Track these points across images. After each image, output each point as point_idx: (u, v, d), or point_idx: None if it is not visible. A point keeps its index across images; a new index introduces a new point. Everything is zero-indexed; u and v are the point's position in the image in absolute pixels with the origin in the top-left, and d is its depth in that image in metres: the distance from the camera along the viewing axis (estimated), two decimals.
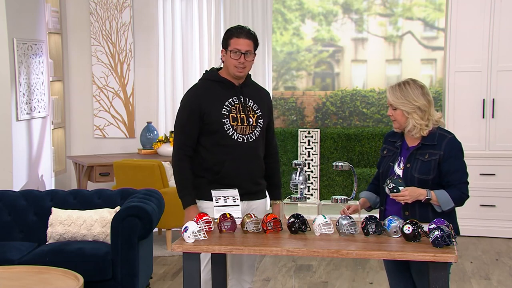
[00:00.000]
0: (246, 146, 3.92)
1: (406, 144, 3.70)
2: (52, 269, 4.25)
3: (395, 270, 3.79)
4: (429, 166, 3.58)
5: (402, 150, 3.69)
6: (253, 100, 3.98)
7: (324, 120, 11.14)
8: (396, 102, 3.59)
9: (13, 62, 6.40)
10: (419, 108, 3.58)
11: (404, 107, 3.58)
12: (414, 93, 3.58)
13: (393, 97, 3.61)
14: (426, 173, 3.58)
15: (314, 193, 8.60)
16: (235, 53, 3.86)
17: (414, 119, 3.58)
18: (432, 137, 3.62)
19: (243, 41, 3.87)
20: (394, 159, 3.70)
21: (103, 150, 7.77)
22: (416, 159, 3.61)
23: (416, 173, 3.59)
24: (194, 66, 7.67)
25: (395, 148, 3.72)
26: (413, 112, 3.58)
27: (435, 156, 3.58)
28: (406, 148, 3.69)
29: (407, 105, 3.58)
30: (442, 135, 3.62)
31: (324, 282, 5.69)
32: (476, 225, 7.12)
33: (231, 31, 3.92)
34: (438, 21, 11.47)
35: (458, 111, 7.10)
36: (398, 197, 3.51)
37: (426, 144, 3.61)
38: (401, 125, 3.64)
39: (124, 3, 7.63)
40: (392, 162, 3.69)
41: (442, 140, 3.61)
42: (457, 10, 7.02)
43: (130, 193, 5.28)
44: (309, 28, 11.75)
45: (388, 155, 3.74)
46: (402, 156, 3.68)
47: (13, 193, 5.35)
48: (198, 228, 3.39)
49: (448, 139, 3.61)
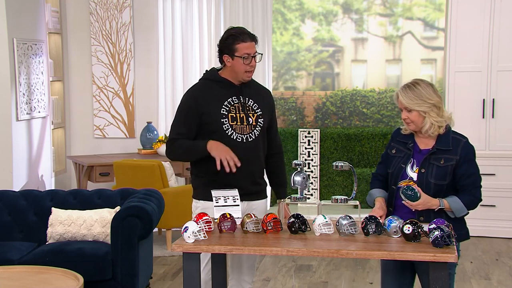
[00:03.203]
0: (245, 146, 3.91)
1: (418, 146, 3.63)
2: (52, 269, 4.25)
3: (394, 268, 3.76)
4: (445, 171, 3.54)
5: (414, 152, 3.63)
6: (253, 99, 3.98)
7: (324, 120, 11.14)
8: (411, 104, 3.52)
9: (13, 62, 6.40)
10: (434, 106, 3.53)
11: (420, 107, 3.52)
12: (427, 92, 3.54)
13: (407, 99, 3.54)
14: (442, 178, 3.54)
15: (314, 193, 8.60)
16: (246, 58, 3.83)
17: (432, 118, 3.52)
18: (446, 141, 3.57)
19: (249, 44, 3.84)
20: (406, 160, 3.63)
21: (103, 150, 7.77)
22: (431, 164, 3.55)
23: (432, 179, 3.54)
24: (194, 66, 7.67)
25: (407, 150, 3.64)
26: (430, 110, 3.52)
27: (451, 161, 3.54)
28: (418, 151, 3.62)
29: (423, 104, 3.52)
30: (457, 139, 3.59)
31: (324, 282, 5.69)
32: (476, 225, 7.11)
33: (234, 35, 3.84)
34: (438, 21, 11.47)
35: (458, 111, 7.10)
36: (411, 206, 3.49)
37: (441, 149, 3.56)
38: (417, 127, 3.57)
39: (124, 3, 7.63)
40: (404, 164, 3.62)
41: (458, 144, 3.57)
42: (457, 10, 7.02)
43: (130, 193, 5.28)
44: (309, 28, 11.75)
45: (398, 156, 3.66)
46: (415, 159, 3.61)
47: (13, 193, 5.35)
48: (198, 228, 3.39)
49: (463, 143, 3.58)
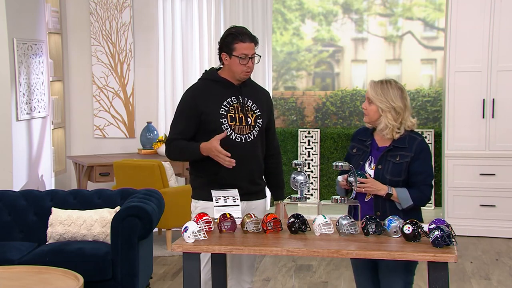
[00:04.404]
0: (244, 146, 3.91)
1: (376, 144, 3.74)
2: (52, 269, 4.25)
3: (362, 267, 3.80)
4: (400, 168, 3.64)
5: (372, 149, 3.74)
6: (252, 100, 3.98)
7: (324, 120, 11.14)
8: (374, 97, 3.66)
9: (13, 62, 6.40)
10: (394, 109, 3.64)
11: (381, 104, 3.64)
12: (394, 94, 3.65)
13: (373, 92, 3.67)
14: (397, 174, 3.64)
15: (314, 193, 8.60)
16: (243, 59, 3.84)
17: (388, 119, 3.64)
18: (403, 139, 3.67)
19: (248, 45, 3.85)
20: (364, 158, 3.73)
21: (103, 150, 7.77)
22: (388, 160, 3.65)
23: (388, 175, 3.64)
24: (194, 66, 7.67)
25: (364, 147, 3.76)
26: (387, 111, 3.64)
27: (406, 158, 3.64)
28: (376, 148, 3.73)
29: (384, 103, 3.64)
30: (412, 137, 3.69)
31: (324, 282, 5.69)
32: (476, 225, 7.12)
33: (234, 35, 3.85)
34: (438, 21, 11.46)
35: (458, 111, 7.10)
36: (360, 187, 3.58)
37: (397, 146, 3.66)
38: (371, 121, 3.71)
39: (124, 3, 7.63)
40: (362, 161, 3.73)
41: (413, 142, 3.67)
42: (457, 10, 7.02)
43: (130, 193, 5.28)
44: (309, 28, 11.74)
45: (357, 154, 3.77)
46: (372, 156, 3.72)
47: (13, 193, 5.35)
48: (198, 228, 3.39)
49: (418, 141, 3.68)
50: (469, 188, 7.09)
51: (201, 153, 3.84)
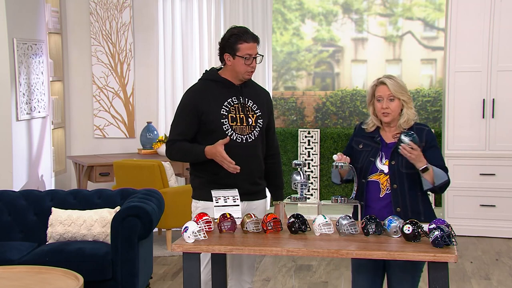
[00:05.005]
0: (245, 146, 3.91)
1: (384, 140, 3.74)
2: (52, 269, 4.25)
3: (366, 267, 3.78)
4: None
5: (381, 145, 3.73)
6: (252, 100, 3.98)
7: (324, 120, 11.14)
8: (397, 92, 3.66)
9: (13, 62, 6.40)
10: (410, 99, 3.71)
11: (403, 96, 3.67)
12: (404, 85, 3.72)
13: (395, 87, 3.67)
14: (412, 167, 3.62)
15: (314, 193, 8.60)
16: (247, 59, 3.83)
17: (410, 109, 3.68)
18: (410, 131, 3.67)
19: (252, 45, 3.85)
20: (374, 154, 3.71)
21: (103, 150, 7.77)
22: (400, 155, 3.63)
23: (403, 169, 3.64)
24: (194, 66, 7.67)
25: (375, 144, 3.74)
26: (409, 101, 3.69)
27: None
28: (384, 144, 3.73)
29: (405, 94, 3.68)
30: (420, 128, 3.72)
31: (324, 282, 5.69)
32: (476, 225, 7.12)
33: (237, 35, 3.84)
34: (438, 21, 11.47)
35: (458, 111, 7.10)
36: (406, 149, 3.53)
37: None
38: (394, 118, 3.70)
39: (124, 3, 7.63)
40: (373, 157, 3.71)
41: (422, 132, 3.70)
42: (457, 10, 7.02)
43: (130, 193, 5.28)
44: (309, 28, 11.74)
45: (366, 150, 3.75)
46: (383, 152, 3.71)
47: (13, 193, 5.35)
48: (198, 228, 3.39)
49: (426, 131, 3.72)
50: (469, 188, 7.09)
51: (206, 156, 3.85)
